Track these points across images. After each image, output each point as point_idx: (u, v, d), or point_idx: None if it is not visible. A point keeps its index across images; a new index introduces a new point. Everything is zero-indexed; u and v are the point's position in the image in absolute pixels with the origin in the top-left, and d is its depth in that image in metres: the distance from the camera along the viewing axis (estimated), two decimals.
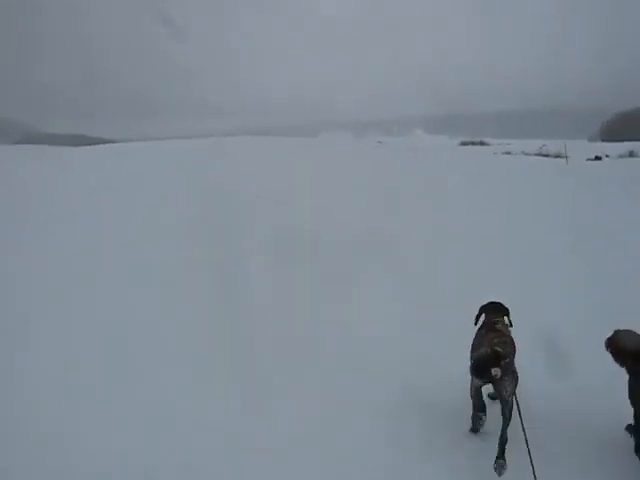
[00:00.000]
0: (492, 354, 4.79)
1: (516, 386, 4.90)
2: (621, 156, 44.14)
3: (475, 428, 5.29)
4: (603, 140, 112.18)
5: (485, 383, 4.99)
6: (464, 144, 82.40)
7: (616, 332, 5.12)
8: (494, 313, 5.73)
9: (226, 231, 9.95)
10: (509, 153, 51.86)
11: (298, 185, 14.46)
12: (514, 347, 5.24)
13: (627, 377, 4.92)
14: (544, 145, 58.54)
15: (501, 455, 4.70)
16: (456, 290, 7.93)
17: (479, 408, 5.21)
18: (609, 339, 5.11)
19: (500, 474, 4.64)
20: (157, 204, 12.32)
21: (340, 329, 6.79)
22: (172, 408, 5.48)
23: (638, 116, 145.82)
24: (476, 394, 5.15)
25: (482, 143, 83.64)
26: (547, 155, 48.71)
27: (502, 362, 4.73)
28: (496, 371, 4.66)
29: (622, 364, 4.94)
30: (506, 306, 5.88)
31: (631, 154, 45.19)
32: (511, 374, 4.86)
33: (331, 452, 4.94)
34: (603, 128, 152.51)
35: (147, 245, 9.72)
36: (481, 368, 4.81)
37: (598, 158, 40.38)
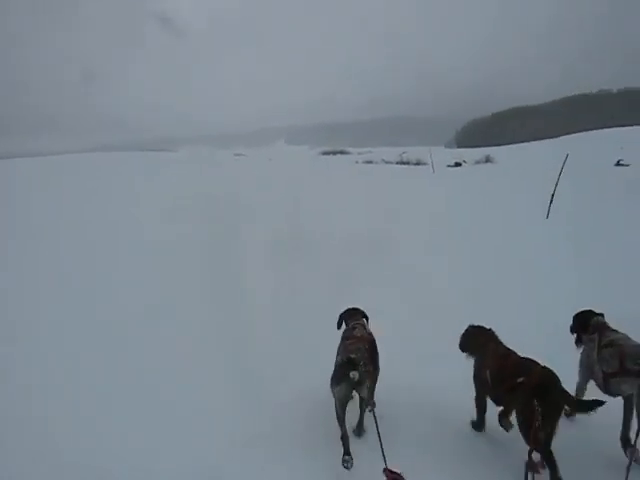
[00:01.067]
0: (347, 361, 4.90)
1: (375, 382, 5.30)
2: (478, 162, 44.64)
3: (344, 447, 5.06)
4: (459, 146, 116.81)
5: (349, 393, 4.98)
6: (325, 154, 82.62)
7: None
8: (352, 318, 5.92)
9: None
10: (370, 162, 52.11)
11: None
12: (374, 347, 5.47)
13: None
14: (404, 152, 58.61)
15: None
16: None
17: (342, 425, 5.06)
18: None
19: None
20: None
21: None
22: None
23: (489, 122, 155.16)
24: (342, 408, 5.04)
25: (342, 152, 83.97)
26: (407, 163, 48.91)
27: (358, 367, 4.82)
28: (354, 374, 4.76)
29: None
30: (362, 310, 6.08)
31: (487, 159, 45.75)
32: (369, 377, 5.01)
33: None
34: (458, 134, 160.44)
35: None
36: (339, 375, 4.90)
37: (458, 164, 40.42)
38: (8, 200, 16.40)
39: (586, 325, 5.42)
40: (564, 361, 4.91)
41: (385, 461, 4.19)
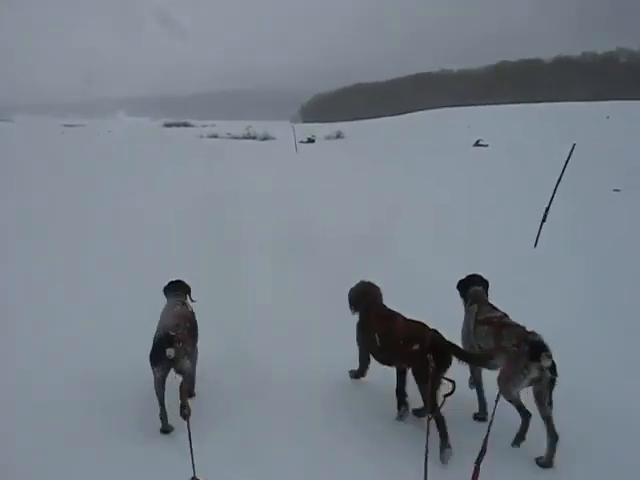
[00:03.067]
0: (164, 337, 4.80)
1: (195, 362, 5.31)
2: (328, 137, 43.19)
3: (164, 428, 4.93)
4: (304, 121, 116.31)
5: (165, 370, 4.83)
6: (168, 125, 78.45)
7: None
8: (175, 294, 5.78)
9: None
10: (216, 136, 49.49)
11: None
12: (194, 325, 5.43)
13: None
14: (250, 126, 56.20)
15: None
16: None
17: (160, 401, 4.91)
18: None
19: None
20: None
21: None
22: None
23: (333, 97, 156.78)
24: (160, 386, 4.87)
25: (186, 125, 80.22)
26: (255, 137, 46.70)
27: (176, 344, 4.73)
28: (170, 352, 4.66)
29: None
30: (187, 284, 5.97)
31: (338, 135, 44.45)
32: (187, 354, 4.95)
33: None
34: (303, 109, 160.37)
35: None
36: (156, 352, 4.75)
37: (311, 141, 38.27)
38: None
39: (466, 292, 5.42)
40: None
41: (193, 468, 3.75)
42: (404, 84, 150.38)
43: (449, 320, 5.19)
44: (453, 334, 5.03)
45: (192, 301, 5.83)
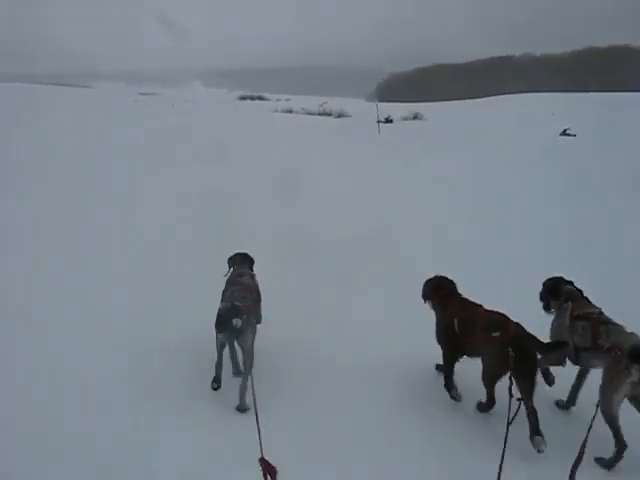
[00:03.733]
0: (232, 308, 5.00)
1: (254, 336, 5.38)
2: (405, 118, 41.86)
3: (216, 380, 5.40)
4: (379, 100, 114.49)
5: (229, 338, 5.20)
6: (243, 98, 78.94)
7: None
8: (239, 265, 6.04)
9: None
10: (290, 111, 48.63)
11: None
12: (259, 298, 5.78)
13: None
14: (325, 102, 55.45)
15: (243, 403, 5.10)
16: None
17: (218, 363, 5.38)
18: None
19: (244, 410, 5.11)
20: None
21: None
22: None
23: (411, 78, 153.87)
24: (220, 349, 5.31)
25: (260, 98, 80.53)
26: (330, 114, 46.14)
27: (242, 315, 4.94)
28: (237, 321, 4.88)
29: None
30: (251, 257, 6.27)
31: (415, 116, 43.08)
32: (251, 327, 5.22)
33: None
34: (379, 88, 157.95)
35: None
36: (222, 321, 4.95)
37: (389, 121, 37.11)
38: None
39: (557, 292, 5.44)
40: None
41: (261, 447, 3.66)
42: (484, 66, 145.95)
43: None
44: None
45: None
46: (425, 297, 5.90)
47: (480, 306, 5.36)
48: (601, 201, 13.96)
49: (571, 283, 5.52)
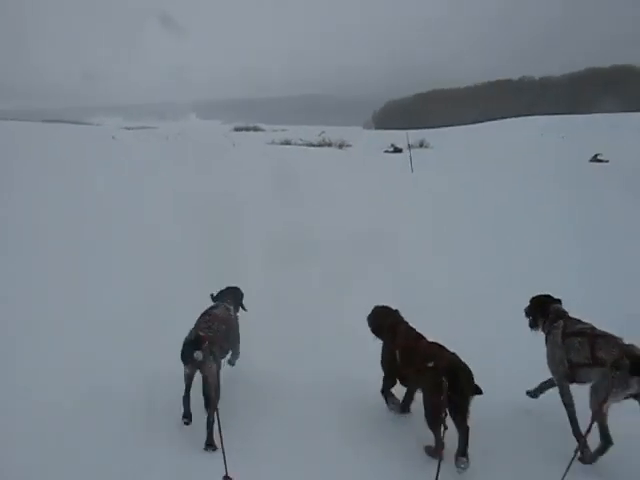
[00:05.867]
0: (194, 339, 4.92)
1: (219, 368, 5.16)
2: (411, 146, 39.85)
3: (185, 415, 5.15)
4: (377, 127, 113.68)
5: (194, 368, 5.00)
6: (238, 130, 79.50)
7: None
8: (220, 298, 6.01)
9: None
10: (288, 143, 46.44)
11: None
12: (230, 330, 5.61)
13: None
14: (323, 132, 54.13)
15: (210, 439, 4.84)
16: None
17: (185, 397, 5.13)
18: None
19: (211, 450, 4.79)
20: None
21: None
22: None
23: (408, 104, 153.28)
24: (187, 381, 5.10)
25: (256, 129, 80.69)
26: (330, 144, 44.10)
27: (204, 345, 4.84)
28: (197, 354, 4.76)
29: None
30: (239, 291, 6.26)
31: (422, 144, 41.40)
32: (215, 358, 5.03)
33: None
34: (375, 115, 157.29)
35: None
36: (185, 352, 4.88)
37: (398, 150, 34.99)
38: None
39: (546, 311, 5.43)
40: None
41: (225, 466, 4.01)
42: (483, 90, 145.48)
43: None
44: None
45: (243, 309, 6.15)
46: (373, 330, 5.82)
47: (423, 338, 5.33)
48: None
49: (559, 301, 5.51)
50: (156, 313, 6.99)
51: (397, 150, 34.83)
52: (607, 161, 26.11)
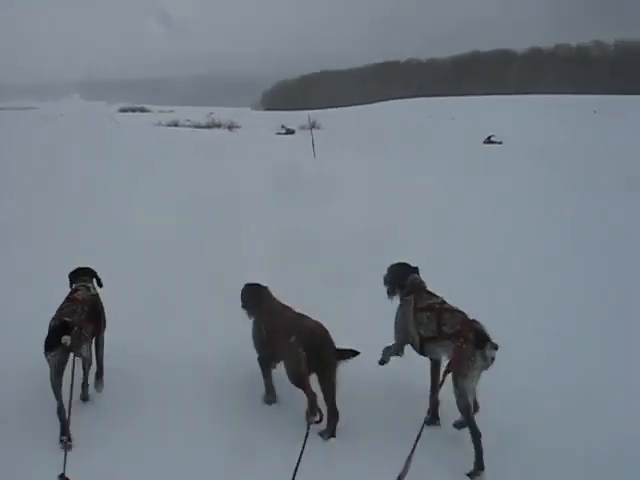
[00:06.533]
0: (59, 325, 4.76)
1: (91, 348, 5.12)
2: (303, 128, 39.65)
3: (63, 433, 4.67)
4: (265, 109, 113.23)
5: (64, 359, 4.72)
6: (123, 110, 77.73)
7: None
8: (78, 280, 5.65)
9: None
10: (176, 124, 44.86)
11: None
12: (96, 310, 5.36)
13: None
14: (211, 113, 53.94)
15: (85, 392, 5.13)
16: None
17: (58, 396, 4.69)
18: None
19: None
20: None
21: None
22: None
23: (297, 84, 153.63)
24: (57, 376, 4.68)
25: (142, 110, 79.09)
26: (219, 126, 43.79)
27: (72, 331, 4.67)
28: (65, 339, 4.58)
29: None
30: (92, 269, 5.84)
31: (314, 126, 40.79)
32: (85, 340, 4.95)
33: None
34: (265, 96, 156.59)
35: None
36: (51, 340, 4.67)
37: (290, 132, 34.69)
38: None
39: (402, 282, 5.39)
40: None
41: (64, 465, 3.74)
42: (370, 72, 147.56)
43: None
44: None
45: (100, 286, 5.79)
46: (243, 307, 5.77)
47: (289, 309, 5.38)
48: None
49: (416, 270, 5.48)
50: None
51: (289, 132, 34.59)
52: (500, 142, 27.12)
